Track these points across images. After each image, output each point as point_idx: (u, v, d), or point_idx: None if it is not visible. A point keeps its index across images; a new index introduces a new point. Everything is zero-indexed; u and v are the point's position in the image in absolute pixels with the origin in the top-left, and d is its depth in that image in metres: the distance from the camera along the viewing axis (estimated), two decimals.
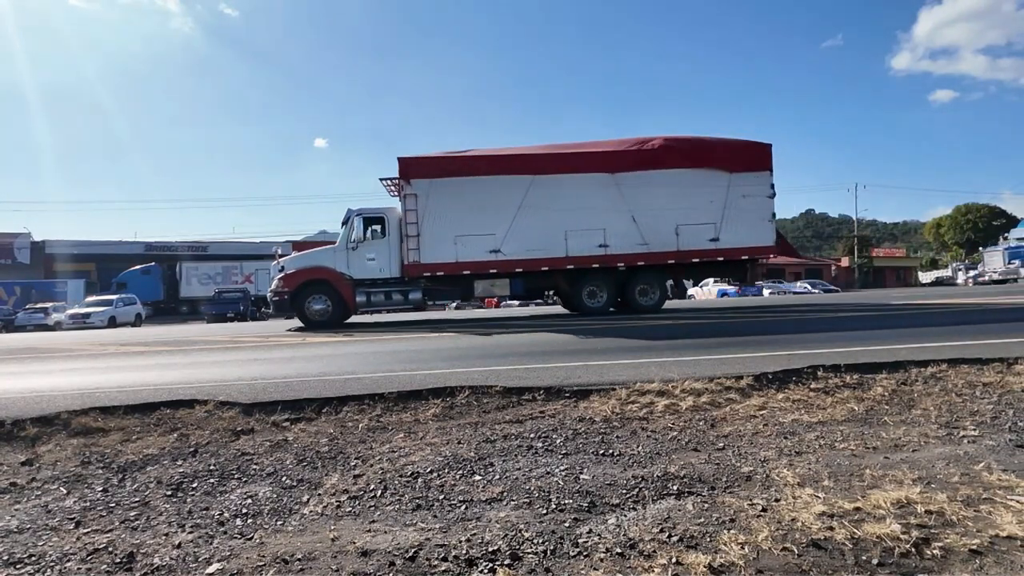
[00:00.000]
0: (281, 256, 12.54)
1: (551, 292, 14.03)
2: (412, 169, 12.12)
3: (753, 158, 12.67)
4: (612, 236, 12.31)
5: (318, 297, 12.02)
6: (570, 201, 12.25)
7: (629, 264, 12.47)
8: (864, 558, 1.66)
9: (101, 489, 2.55)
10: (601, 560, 1.72)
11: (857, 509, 1.96)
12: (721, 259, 12.60)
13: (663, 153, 12.45)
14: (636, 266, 12.50)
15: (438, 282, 12.46)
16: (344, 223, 12.37)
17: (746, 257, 12.81)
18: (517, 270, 12.44)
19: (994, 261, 25.77)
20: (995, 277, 25.04)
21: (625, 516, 2.04)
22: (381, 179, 13.01)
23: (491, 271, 12.36)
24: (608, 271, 12.56)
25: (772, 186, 12.63)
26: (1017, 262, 24.36)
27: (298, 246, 47.74)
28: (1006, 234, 28.28)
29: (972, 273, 27.78)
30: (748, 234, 12.50)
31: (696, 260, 12.59)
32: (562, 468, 2.56)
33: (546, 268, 12.43)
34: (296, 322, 12.66)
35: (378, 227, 12.41)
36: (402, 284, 12.27)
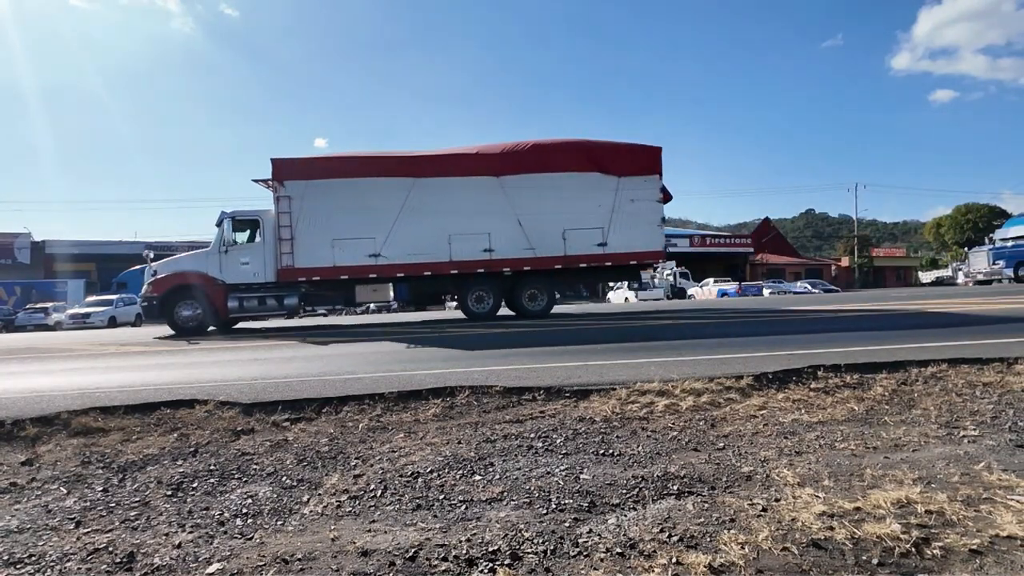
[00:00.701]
0: (153, 260, 12.14)
1: (448, 296, 13.90)
2: (285, 171, 11.77)
3: (642, 162, 12.50)
4: (497, 241, 12.16)
5: (187, 303, 11.60)
6: (454, 205, 12.05)
7: (515, 269, 12.30)
8: (864, 558, 1.66)
9: (101, 489, 2.55)
10: (601, 560, 1.72)
11: (857, 509, 1.96)
12: (609, 264, 12.47)
13: (549, 156, 12.31)
14: (523, 271, 12.34)
15: (318, 287, 12.17)
16: (218, 225, 11.96)
17: (635, 262, 12.70)
18: (398, 275, 12.19)
19: (979, 262, 25.58)
20: (980, 278, 24.89)
21: (625, 516, 2.04)
22: (254, 180, 12.40)
23: (371, 276, 12.08)
24: (494, 276, 12.36)
25: (662, 190, 12.49)
26: (1001, 263, 24.18)
27: None
28: (991, 234, 28.05)
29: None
30: (637, 239, 12.38)
31: (584, 265, 12.42)
32: (562, 468, 2.56)
33: (429, 273, 12.17)
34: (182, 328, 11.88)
35: (253, 230, 12.02)
36: (277, 289, 11.90)
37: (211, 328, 12.07)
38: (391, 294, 12.75)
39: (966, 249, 34.05)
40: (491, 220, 12.13)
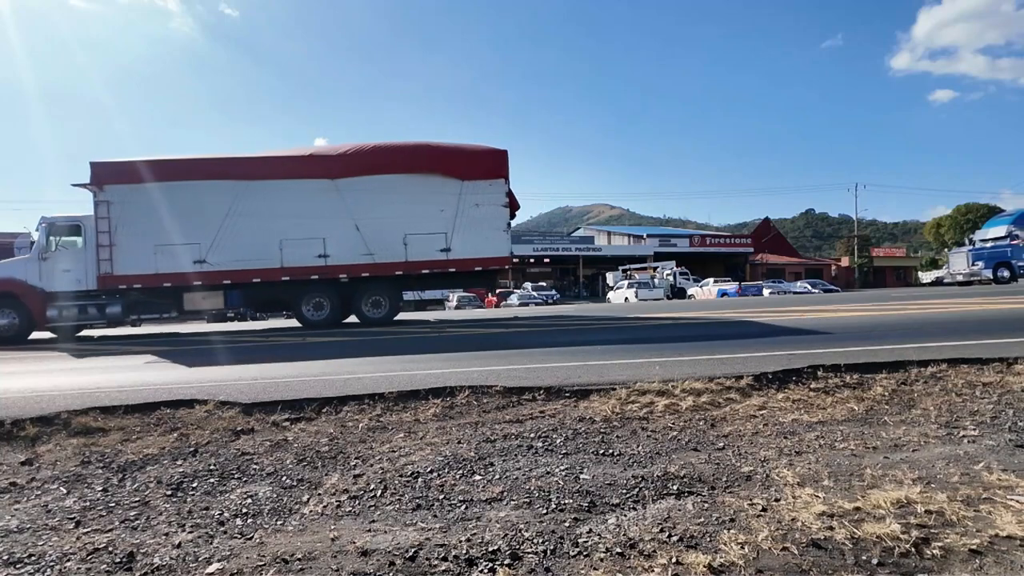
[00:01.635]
0: None
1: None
2: (105, 175, 11.35)
3: (486, 165, 12.21)
4: (333, 246, 11.80)
5: (3, 311, 11.27)
6: (286, 209, 11.64)
7: (353, 276, 11.98)
8: (864, 558, 1.66)
9: (101, 489, 2.55)
10: (601, 560, 1.72)
11: (857, 509, 1.96)
12: (453, 270, 12.17)
13: (388, 159, 11.97)
14: (361, 278, 12.02)
15: (145, 294, 11.79)
16: (37, 230, 11.63)
17: (480, 268, 12.35)
18: (225, 282, 11.77)
19: (958, 263, 25.55)
20: (960, 279, 24.88)
21: (625, 516, 2.04)
22: (75, 184, 11.68)
23: (196, 283, 11.69)
24: (331, 283, 12.03)
25: (507, 194, 12.21)
26: (980, 263, 24.15)
27: None
28: (971, 235, 27.94)
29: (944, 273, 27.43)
30: (482, 244, 12.10)
31: (426, 271, 12.09)
32: (562, 468, 2.56)
33: (258, 280, 11.79)
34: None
35: (75, 236, 11.64)
36: (100, 297, 11.54)
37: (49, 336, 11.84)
38: (222, 302, 12.23)
39: (946, 250, 34.04)
40: (326, 225, 11.76)
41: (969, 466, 2.36)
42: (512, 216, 13.38)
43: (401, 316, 14.83)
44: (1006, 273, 23.32)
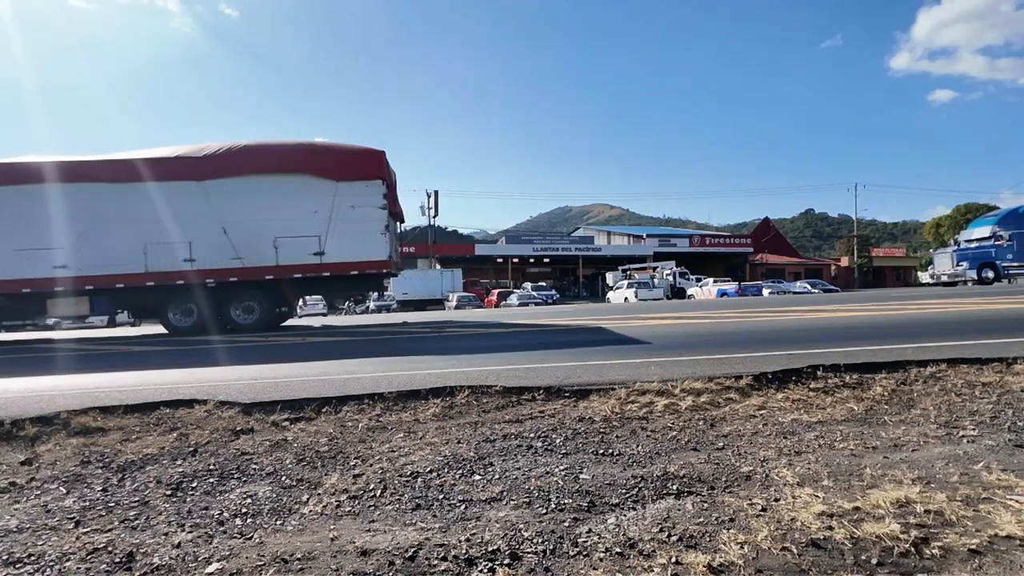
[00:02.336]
0: None
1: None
2: None
3: (362, 166, 11.83)
4: (200, 250, 11.42)
5: None
6: (151, 212, 11.23)
7: (220, 280, 11.59)
8: (863, 558, 1.66)
9: (100, 489, 2.55)
10: (601, 560, 1.72)
11: (856, 509, 1.96)
12: (328, 274, 11.74)
13: (258, 159, 11.61)
14: (230, 282, 11.64)
15: (8, 300, 11.42)
16: None
17: (356, 272, 11.84)
18: (88, 287, 11.38)
19: (943, 263, 25.56)
20: (944, 279, 24.89)
21: (625, 516, 2.04)
22: None
23: (58, 289, 11.27)
24: (198, 288, 11.55)
25: (384, 196, 11.82)
26: (965, 264, 24.14)
27: None
28: (956, 236, 27.90)
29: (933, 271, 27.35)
30: (358, 247, 11.67)
31: (299, 276, 11.71)
32: (562, 468, 2.56)
33: (122, 285, 11.37)
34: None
35: None
36: None
37: None
38: (87, 308, 11.98)
39: (931, 251, 34.02)
40: (193, 228, 11.37)
41: (968, 466, 2.36)
42: (401, 221, 13.11)
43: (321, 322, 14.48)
44: (990, 273, 23.35)
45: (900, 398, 3.57)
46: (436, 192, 46.77)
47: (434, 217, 47.28)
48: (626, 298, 33.52)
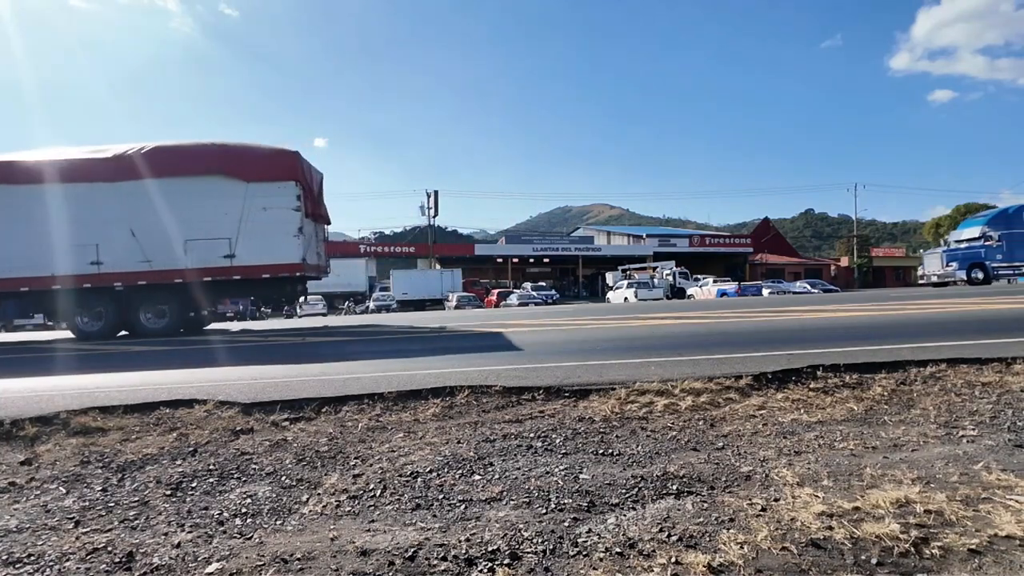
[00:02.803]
0: None
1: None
2: None
3: (274, 167, 11.60)
4: (107, 253, 11.18)
5: None
6: (57, 214, 11.00)
7: (128, 284, 11.33)
8: (863, 558, 1.66)
9: (100, 488, 2.55)
10: (600, 560, 1.72)
11: (856, 509, 1.96)
12: (239, 277, 11.51)
13: (167, 160, 11.36)
14: (139, 286, 11.38)
15: None
16: None
17: (268, 276, 11.62)
18: None
19: (933, 264, 25.53)
20: (935, 280, 24.88)
21: (624, 516, 2.04)
22: None
23: None
24: (106, 291, 11.35)
25: (298, 197, 11.58)
26: (954, 264, 24.10)
27: None
28: (946, 236, 27.86)
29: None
30: (270, 250, 11.43)
31: (209, 279, 11.45)
32: (561, 468, 2.56)
33: (27, 288, 11.20)
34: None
35: None
36: None
37: None
38: None
39: (921, 251, 33.98)
40: (100, 230, 11.15)
41: (968, 466, 2.36)
42: (327, 223, 12.90)
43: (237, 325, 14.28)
44: (980, 274, 23.31)
45: (900, 398, 3.57)
46: (436, 192, 46.80)
47: (434, 217, 47.32)
48: (626, 298, 33.52)
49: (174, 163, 11.40)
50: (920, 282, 26.96)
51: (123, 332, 11.87)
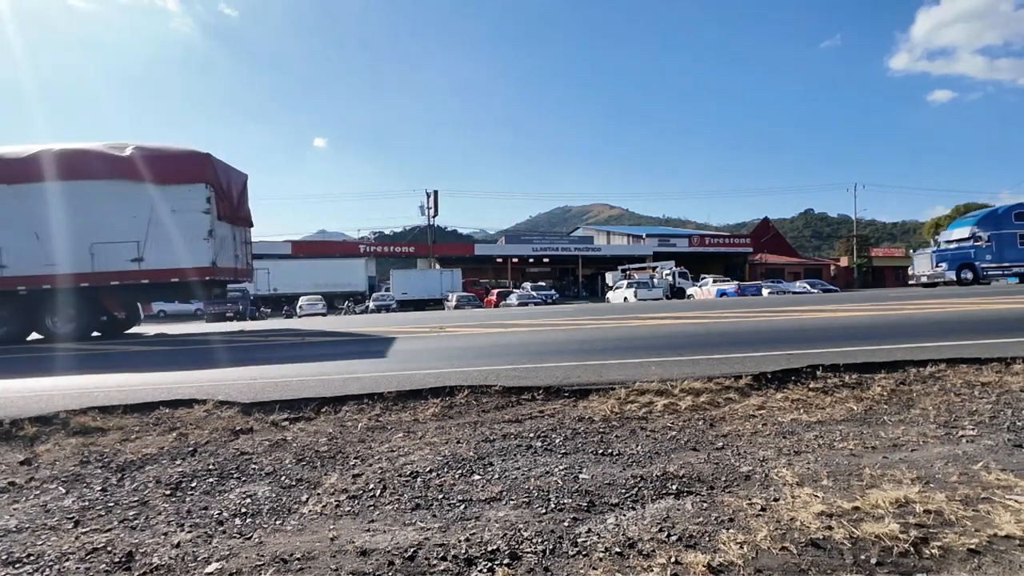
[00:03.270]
0: None
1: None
2: None
3: (182, 169, 11.38)
4: (10, 256, 10.97)
5: None
6: None
7: (33, 287, 11.08)
8: (863, 557, 1.67)
9: (100, 488, 2.55)
10: (600, 559, 1.72)
11: (856, 508, 1.97)
12: (147, 281, 11.27)
13: (72, 162, 11.10)
14: (43, 290, 11.14)
15: None
16: None
17: (177, 280, 11.36)
18: None
19: (922, 264, 25.52)
20: (924, 280, 24.87)
21: (624, 516, 2.04)
22: None
23: None
24: (8, 295, 11.10)
25: (209, 200, 11.30)
26: (944, 265, 24.08)
27: (297, 246, 47.86)
28: (936, 236, 27.90)
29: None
30: (179, 254, 11.18)
31: (116, 283, 11.18)
32: (561, 468, 2.56)
33: None
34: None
35: None
36: None
37: None
38: None
39: (911, 252, 33.95)
40: (2, 233, 10.95)
41: (968, 466, 2.36)
42: (249, 225, 12.69)
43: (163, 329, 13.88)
44: (969, 275, 23.30)
45: (899, 398, 3.57)
46: (436, 192, 46.78)
47: (434, 217, 47.30)
48: (625, 298, 33.52)
49: (78, 166, 11.17)
50: (910, 283, 26.95)
51: (32, 336, 11.74)
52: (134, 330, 14.01)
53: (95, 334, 12.16)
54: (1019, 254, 23.18)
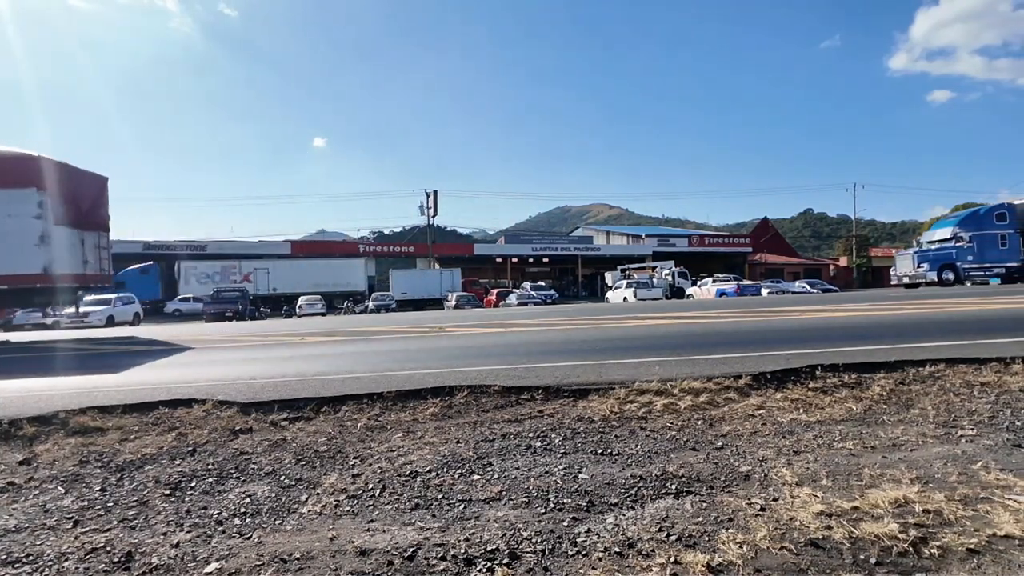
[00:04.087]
0: None
1: None
2: None
3: (12, 173, 11.09)
4: None
5: None
6: None
7: None
8: (862, 557, 1.67)
9: (99, 488, 2.54)
10: (600, 559, 1.72)
11: (855, 508, 1.97)
12: None
13: None
14: None
15: None
16: None
17: (6, 287, 11.15)
18: None
19: (904, 265, 25.49)
20: (906, 281, 24.84)
21: (624, 515, 2.04)
22: None
23: None
24: None
25: (40, 204, 11.02)
26: (925, 265, 24.06)
27: (297, 246, 47.82)
28: (919, 237, 27.89)
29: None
30: (9, 260, 10.93)
31: None
32: (561, 467, 2.56)
33: None
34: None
35: None
36: None
37: None
38: None
39: (894, 252, 33.94)
40: None
41: (967, 466, 2.36)
42: (105, 230, 12.41)
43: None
44: (951, 275, 23.28)
45: (899, 398, 3.57)
46: (435, 192, 46.74)
47: (433, 217, 47.26)
48: (625, 298, 33.51)
49: None
50: (892, 283, 26.88)
51: None
52: None
53: None
54: (1000, 255, 23.18)
